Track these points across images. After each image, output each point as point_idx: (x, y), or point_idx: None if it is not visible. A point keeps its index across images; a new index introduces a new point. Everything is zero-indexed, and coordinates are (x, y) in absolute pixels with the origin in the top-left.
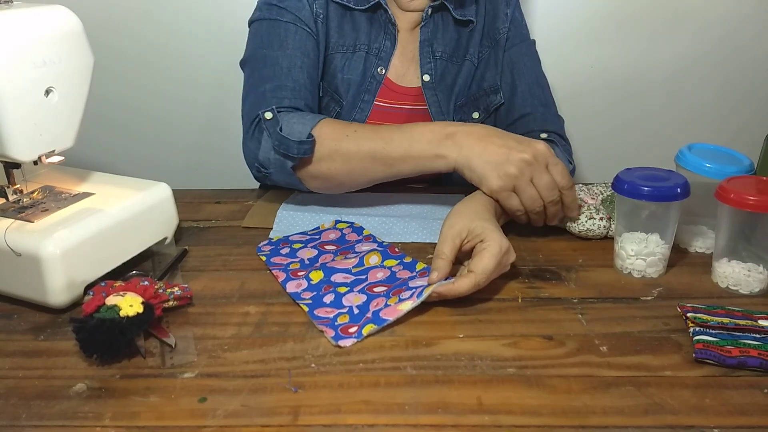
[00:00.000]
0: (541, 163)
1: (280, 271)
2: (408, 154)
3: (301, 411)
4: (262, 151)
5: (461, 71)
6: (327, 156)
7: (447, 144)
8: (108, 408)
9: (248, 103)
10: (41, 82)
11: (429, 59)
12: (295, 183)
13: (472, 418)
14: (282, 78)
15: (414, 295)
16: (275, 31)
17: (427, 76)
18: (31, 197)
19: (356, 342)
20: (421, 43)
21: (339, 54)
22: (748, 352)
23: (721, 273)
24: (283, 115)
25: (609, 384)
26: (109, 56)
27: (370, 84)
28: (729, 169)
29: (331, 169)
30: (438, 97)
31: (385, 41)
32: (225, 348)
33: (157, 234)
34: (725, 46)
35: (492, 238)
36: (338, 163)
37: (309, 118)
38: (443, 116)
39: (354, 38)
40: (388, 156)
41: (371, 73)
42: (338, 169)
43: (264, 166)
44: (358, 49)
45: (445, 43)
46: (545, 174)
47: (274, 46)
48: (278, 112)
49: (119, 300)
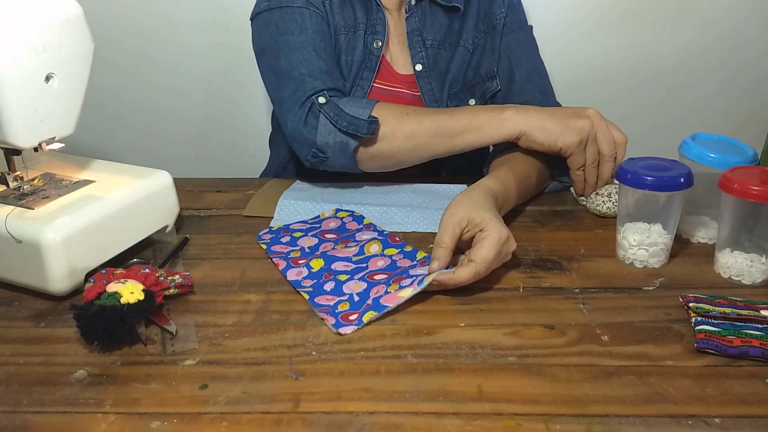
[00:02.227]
0: (602, 120)
1: (280, 259)
2: (471, 124)
3: (302, 398)
4: (320, 135)
5: (454, 57)
6: (389, 134)
7: (509, 112)
8: (109, 395)
9: (287, 89)
10: (41, 67)
11: (419, 48)
12: (351, 165)
13: (473, 406)
14: (314, 61)
15: (414, 283)
16: (291, 17)
17: (419, 66)
18: (32, 184)
19: (357, 329)
20: (409, 34)
21: (342, 35)
22: (750, 342)
23: (724, 263)
24: (336, 99)
25: (610, 373)
26: (110, 46)
27: (369, 60)
28: (733, 159)
29: (392, 147)
30: (431, 85)
31: (378, 13)
32: (226, 336)
33: (158, 222)
34: (730, 37)
35: (491, 228)
36: (401, 140)
37: (364, 102)
38: (437, 104)
39: (353, 19)
40: (451, 129)
41: (369, 48)
42: (400, 147)
43: (322, 150)
44: (357, 28)
45: (435, 31)
46: (607, 130)
47: (295, 32)
48: (330, 96)
49: (120, 287)
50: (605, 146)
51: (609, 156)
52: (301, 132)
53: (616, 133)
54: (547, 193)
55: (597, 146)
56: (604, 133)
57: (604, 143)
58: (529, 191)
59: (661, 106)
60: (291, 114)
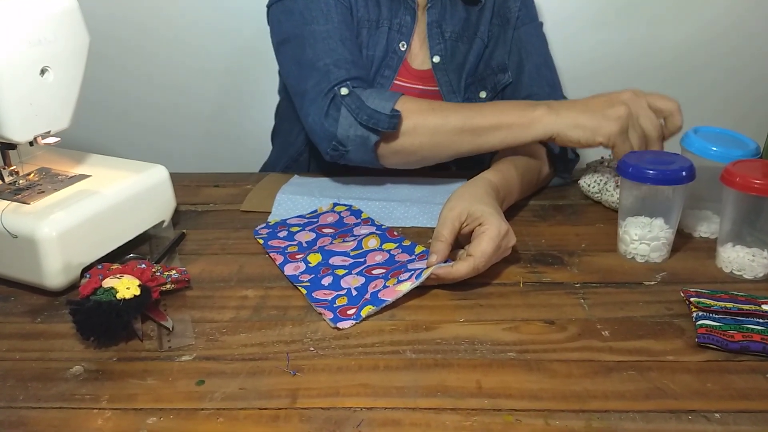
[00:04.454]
0: (641, 99)
1: (277, 254)
2: (500, 122)
3: (300, 394)
4: (341, 128)
5: (471, 49)
6: (412, 130)
7: (540, 111)
8: (105, 390)
9: (311, 81)
10: (36, 61)
11: (438, 40)
12: (371, 160)
13: (472, 402)
14: (339, 51)
15: (413, 277)
16: (315, 5)
17: (437, 58)
18: (28, 179)
19: (355, 324)
20: (429, 25)
21: (365, 29)
22: (751, 337)
23: (726, 258)
24: (359, 90)
25: (610, 368)
26: (106, 40)
27: (391, 59)
28: (735, 152)
29: (415, 143)
30: (449, 77)
31: (405, 15)
32: (223, 331)
33: (155, 217)
34: (731, 29)
35: (491, 222)
36: (424, 136)
37: (388, 94)
38: (454, 95)
39: (377, 13)
40: (477, 126)
41: (393, 47)
42: (423, 143)
43: (342, 143)
44: (381, 24)
45: (455, 23)
46: (648, 110)
47: (320, 21)
48: (353, 87)
49: (116, 282)
50: (650, 128)
51: (656, 137)
52: (322, 124)
53: (662, 103)
54: (549, 187)
55: (641, 128)
56: (646, 115)
57: (648, 125)
58: (532, 186)
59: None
60: (313, 106)
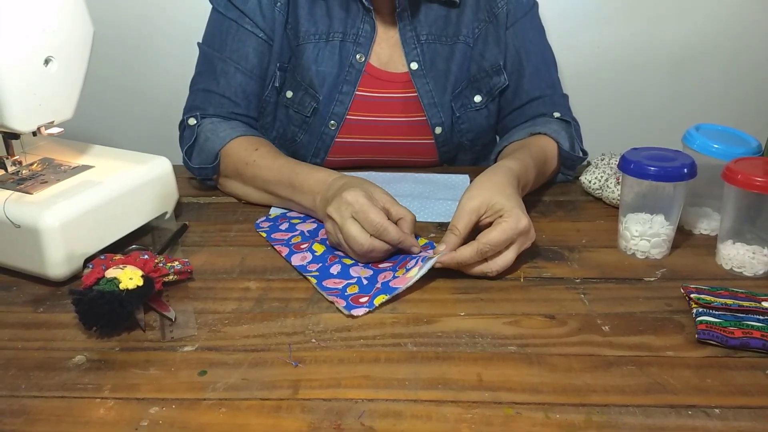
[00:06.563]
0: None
1: (282, 246)
2: (292, 194)
3: (302, 385)
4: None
5: (455, 55)
6: (230, 175)
7: (319, 197)
8: (107, 380)
9: (188, 97)
10: (40, 50)
11: (414, 45)
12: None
13: (472, 395)
14: (212, 83)
15: (419, 261)
16: (219, 27)
17: (414, 64)
18: (31, 169)
19: (368, 311)
20: (401, 30)
21: (311, 44)
22: (751, 334)
23: (726, 255)
24: (205, 124)
25: (610, 363)
26: (110, 31)
27: (349, 74)
28: (736, 150)
29: (226, 187)
30: (429, 86)
31: (364, 24)
32: (225, 322)
33: (157, 208)
34: (734, 25)
35: (511, 215)
36: (235, 186)
37: (222, 135)
38: (436, 108)
39: (327, 26)
40: (273, 192)
41: (349, 61)
42: (235, 191)
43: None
44: (331, 38)
45: (430, 24)
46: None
47: (215, 45)
48: (202, 118)
49: (119, 273)
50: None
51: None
52: (181, 134)
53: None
54: (551, 183)
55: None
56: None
57: (367, 224)
58: (543, 177)
59: (664, 96)
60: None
